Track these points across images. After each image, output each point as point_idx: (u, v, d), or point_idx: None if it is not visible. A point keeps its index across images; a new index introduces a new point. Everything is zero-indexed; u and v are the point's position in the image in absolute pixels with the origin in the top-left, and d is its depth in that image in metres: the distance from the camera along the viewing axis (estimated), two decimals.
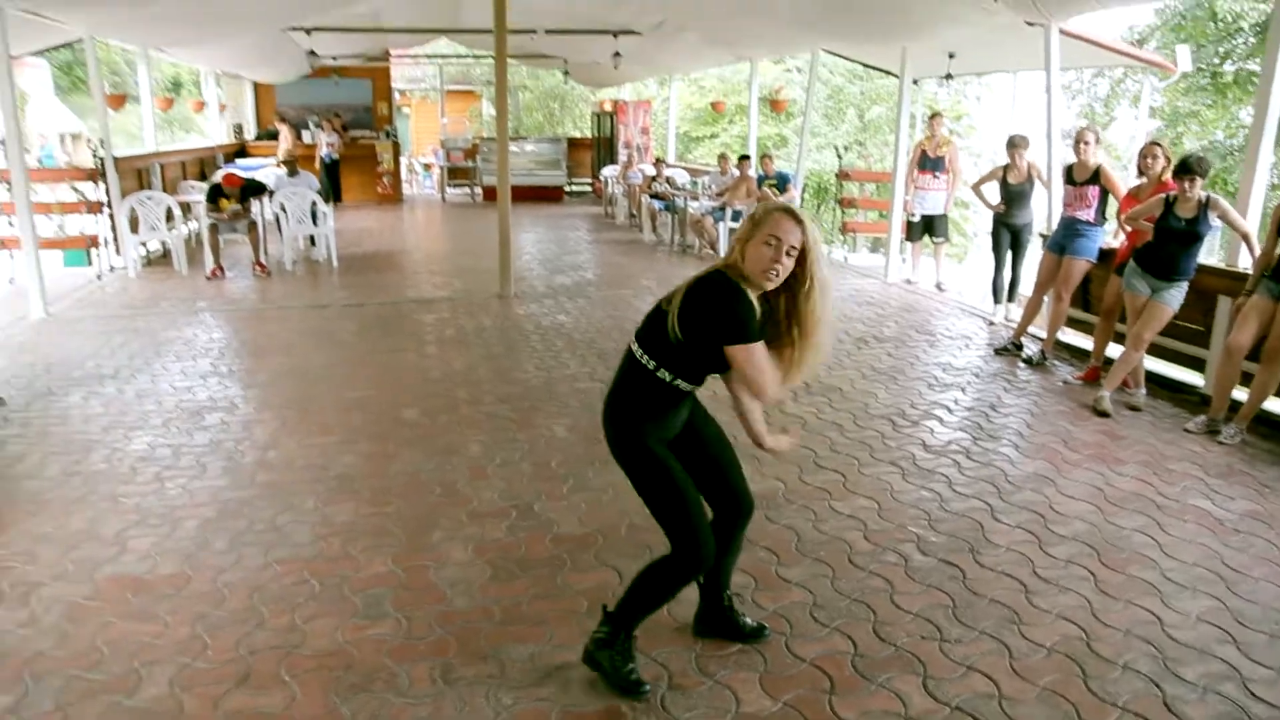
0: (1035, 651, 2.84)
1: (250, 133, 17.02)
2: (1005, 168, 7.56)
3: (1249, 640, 2.91)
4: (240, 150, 15.95)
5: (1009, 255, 7.84)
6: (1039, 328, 6.86)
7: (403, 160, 20.46)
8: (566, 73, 17.94)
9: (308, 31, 12.52)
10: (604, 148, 19.32)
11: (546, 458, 4.39)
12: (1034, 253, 7.44)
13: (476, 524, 3.66)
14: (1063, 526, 3.74)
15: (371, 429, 4.76)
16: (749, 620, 2.88)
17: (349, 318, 7.38)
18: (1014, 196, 7.54)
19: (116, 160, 9.43)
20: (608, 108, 19.02)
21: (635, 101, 18.65)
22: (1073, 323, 6.91)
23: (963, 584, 3.25)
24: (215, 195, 9.20)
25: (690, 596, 2.79)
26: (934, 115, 9.76)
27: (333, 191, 16.11)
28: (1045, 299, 6.64)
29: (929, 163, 9.35)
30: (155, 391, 5.33)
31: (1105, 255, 6.33)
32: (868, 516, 3.79)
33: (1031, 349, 6.58)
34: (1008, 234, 7.73)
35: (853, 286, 9.25)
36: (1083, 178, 6.27)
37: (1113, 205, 6.33)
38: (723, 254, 8.47)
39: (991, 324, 7.65)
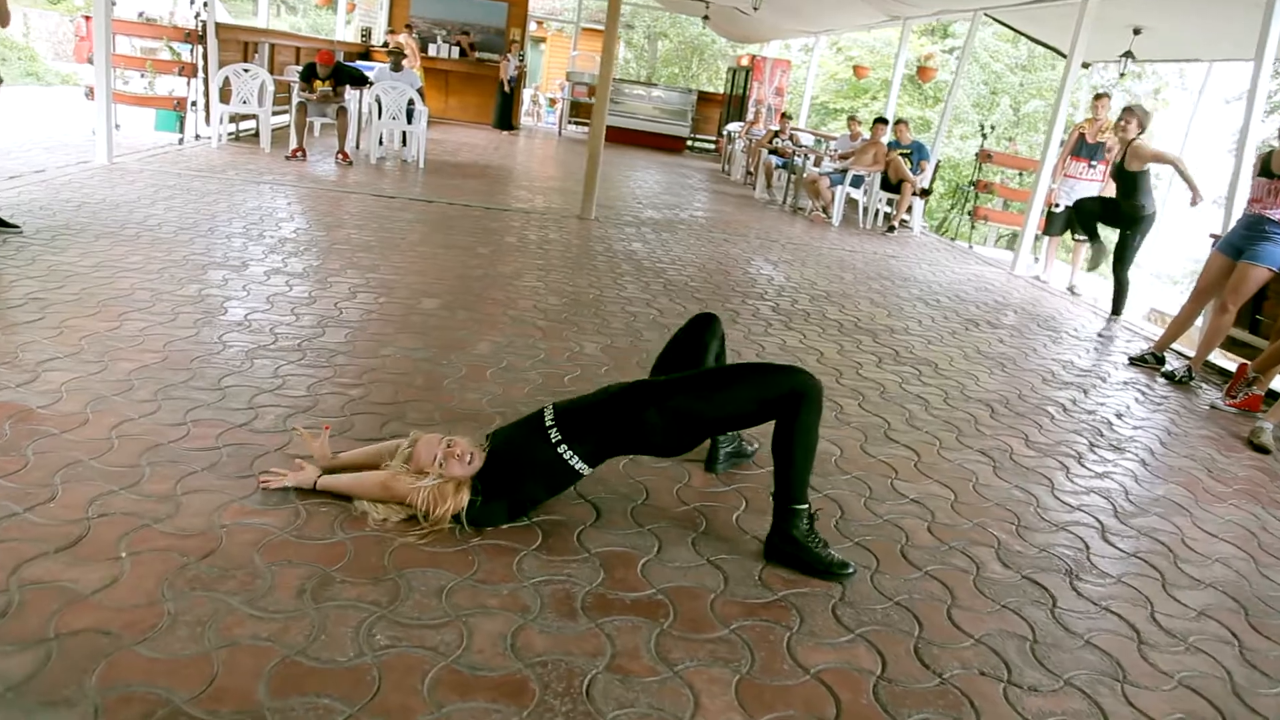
0: None
1: (378, 38, 16.75)
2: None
3: None
4: (364, 53, 15.68)
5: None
6: (1186, 345, 5.78)
7: (527, 92, 20.01)
8: (706, 17, 16.96)
9: None
10: (735, 105, 18.39)
11: (562, 372, 3.68)
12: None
13: (444, 427, 2.97)
14: (1197, 568, 2.82)
15: (378, 310, 4.14)
16: (830, 552, 2.40)
17: (411, 211, 6.82)
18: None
19: (219, 26, 9.12)
20: (745, 63, 18.04)
21: (774, 59, 17.61)
22: (1231, 345, 5.79)
23: (1050, 613, 2.39)
24: (309, 74, 8.79)
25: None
26: (1099, 95, 8.51)
27: (503, 117, 15.75)
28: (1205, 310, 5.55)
29: (1086, 149, 8.16)
30: (171, 241, 4.86)
31: None
32: (938, 507, 2.95)
33: (1175, 365, 5.50)
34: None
35: (972, 272, 8.20)
36: None
37: None
38: (836, 219, 7.68)
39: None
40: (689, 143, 18.48)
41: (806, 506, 2.35)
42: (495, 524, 2.33)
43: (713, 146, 19.20)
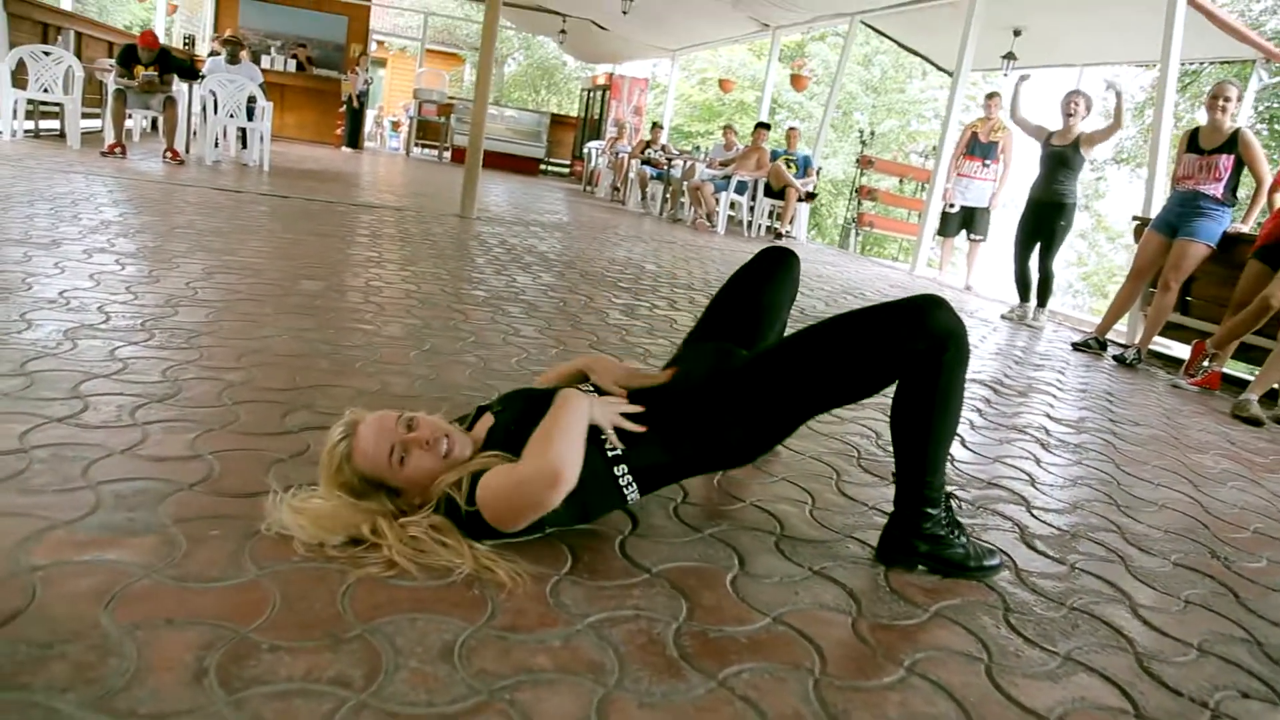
0: None
1: (203, 47, 15.19)
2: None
3: None
4: (188, 63, 14.12)
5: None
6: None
7: (370, 113, 18.82)
8: (564, 31, 16.34)
9: None
10: (590, 129, 17.88)
11: (504, 354, 2.86)
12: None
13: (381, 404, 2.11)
14: None
15: (246, 290, 3.16)
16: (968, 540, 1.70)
17: (265, 204, 5.75)
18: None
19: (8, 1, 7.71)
20: (601, 81, 17.60)
21: (632, 78, 17.25)
22: (1166, 328, 5.58)
23: (1242, 607, 1.79)
24: (129, 59, 7.52)
25: None
26: (991, 95, 8.45)
27: (353, 134, 14.40)
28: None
29: (979, 148, 8.04)
30: None
31: (1227, 245, 5.03)
32: (1022, 489, 2.33)
33: (1120, 349, 5.24)
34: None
35: (875, 273, 7.90)
36: (1213, 145, 4.98)
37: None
38: (720, 228, 7.00)
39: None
40: (543, 165, 17.83)
41: (943, 490, 1.65)
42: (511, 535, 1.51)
43: (567, 170, 18.63)
